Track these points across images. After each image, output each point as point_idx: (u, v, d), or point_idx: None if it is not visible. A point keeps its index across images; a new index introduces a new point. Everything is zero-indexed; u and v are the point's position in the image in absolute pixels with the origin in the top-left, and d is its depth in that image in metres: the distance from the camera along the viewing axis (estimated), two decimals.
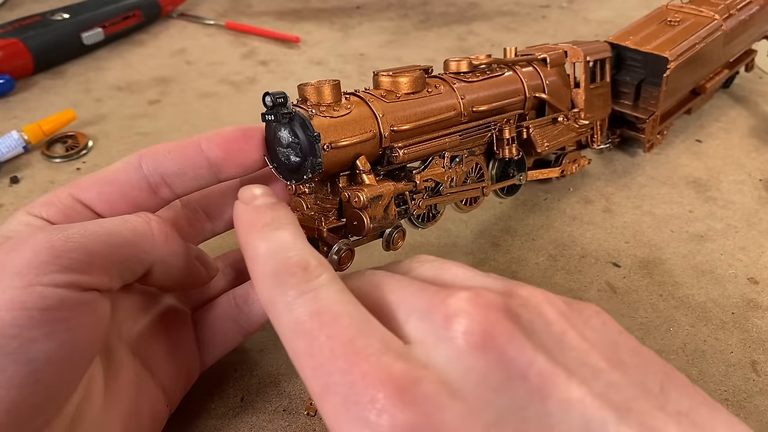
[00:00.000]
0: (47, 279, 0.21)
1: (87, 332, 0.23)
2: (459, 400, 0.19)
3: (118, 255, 0.24)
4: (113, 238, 0.24)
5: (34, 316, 0.21)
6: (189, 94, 0.65)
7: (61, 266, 0.22)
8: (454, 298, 0.21)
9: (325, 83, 0.30)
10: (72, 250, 0.22)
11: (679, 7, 0.56)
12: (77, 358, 0.22)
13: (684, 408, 0.20)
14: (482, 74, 0.39)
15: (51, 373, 0.21)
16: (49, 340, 0.21)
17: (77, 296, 0.22)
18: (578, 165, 0.48)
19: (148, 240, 0.26)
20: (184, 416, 0.32)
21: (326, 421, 0.20)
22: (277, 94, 0.28)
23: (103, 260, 0.23)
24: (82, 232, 0.23)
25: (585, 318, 0.23)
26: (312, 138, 0.28)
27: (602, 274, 0.42)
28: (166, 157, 0.29)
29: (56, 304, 0.21)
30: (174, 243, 0.27)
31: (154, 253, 0.26)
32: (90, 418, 0.24)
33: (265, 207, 0.25)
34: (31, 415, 0.21)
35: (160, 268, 0.26)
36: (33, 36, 0.66)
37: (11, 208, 0.48)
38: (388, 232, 0.32)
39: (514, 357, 0.20)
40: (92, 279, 0.23)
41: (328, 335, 0.20)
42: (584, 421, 0.19)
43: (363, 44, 0.77)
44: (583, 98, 0.46)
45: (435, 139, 0.34)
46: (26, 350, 0.20)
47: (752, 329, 0.38)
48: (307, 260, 0.23)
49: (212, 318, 0.32)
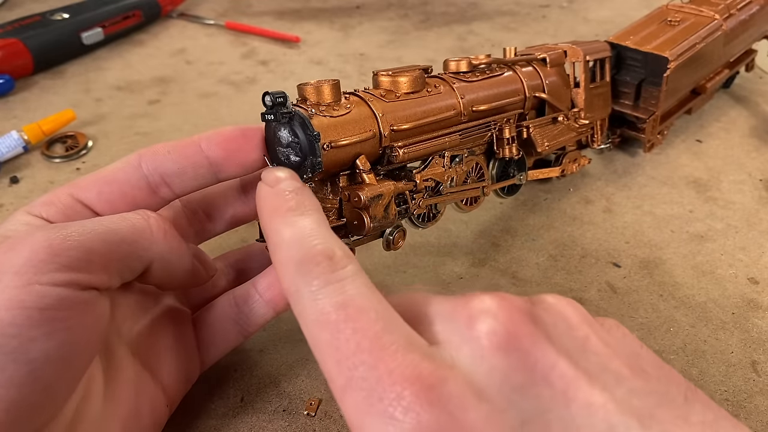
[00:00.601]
0: (46, 278, 0.21)
1: (86, 331, 0.23)
2: (484, 401, 0.19)
3: (117, 253, 0.24)
4: (112, 235, 0.24)
5: (33, 315, 0.21)
6: (189, 94, 0.65)
7: (59, 265, 0.22)
8: (478, 300, 0.22)
9: (324, 83, 0.30)
10: (70, 248, 0.22)
11: (680, 6, 0.56)
12: (77, 357, 0.22)
13: (708, 420, 0.20)
14: (482, 74, 0.39)
15: (50, 373, 0.21)
16: (48, 340, 0.21)
17: (76, 295, 0.22)
18: (578, 164, 0.48)
19: (146, 237, 0.26)
20: (184, 416, 0.32)
21: (346, 415, 0.20)
22: (277, 94, 0.28)
23: (101, 258, 0.23)
24: (81, 230, 0.23)
25: (607, 327, 0.23)
26: (312, 137, 0.28)
27: (602, 274, 0.42)
28: (165, 156, 0.29)
29: (55, 303, 0.21)
30: (173, 240, 0.27)
31: (153, 250, 0.26)
32: (90, 418, 0.24)
33: (289, 191, 0.25)
34: (30, 414, 0.21)
35: (159, 265, 0.26)
36: (33, 36, 0.66)
37: (11, 208, 0.48)
38: (388, 231, 0.32)
39: (537, 358, 0.20)
40: (91, 277, 0.23)
41: (354, 328, 0.20)
42: (608, 426, 0.19)
43: (363, 44, 0.77)
44: (583, 98, 0.46)
45: (435, 138, 0.34)
46: (26, 349, 0.20)
47: (752, 329, 0.38)
48: (333, 250, 0.23)
49: (212, 318, 0.32)
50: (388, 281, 0.41)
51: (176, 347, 0.30)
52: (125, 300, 0.29)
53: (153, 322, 0.30)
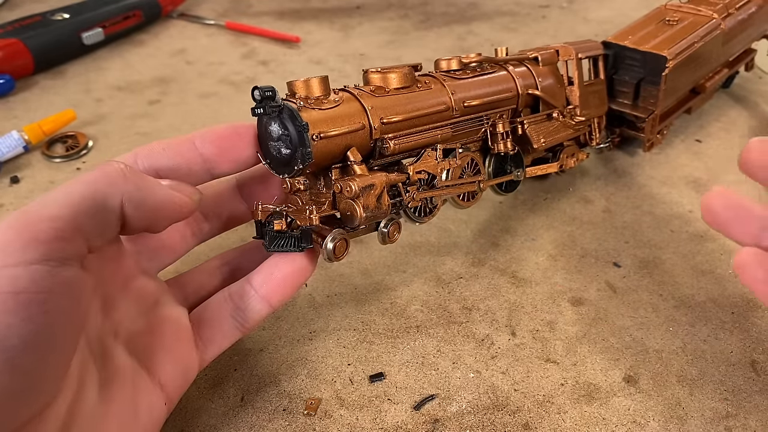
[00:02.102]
0: (14, 258, 0.21)
1: (67, 314, 0.22)
2: None
3: (82, 211, 0.24)
4: (71, 197, 0.24)
5: (7, 300, 0.20)
6: (189, 94, 0.65)
7: (26, 241, 0.21)
8: None
9: (313, 78, 0.31)
10: (33, 222, 0.22)
11: (678, 6, 0.56)
12: (58, 341, 0.22)
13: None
14: (473, 72, 0.39)
15: (31, 359, 0.21)
16: (26, 325, 0.20)
17: (53, 274, 0.21)
18: (577, 159, 0.48)
19: (105, 185, 0.25)
20: (184, 416, 0.32)
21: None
22: (266, 88, 0.28)
23: (68, 223, 0.23)
24: (40, 203, 0.23)
25: None
26: (300, 128, 0.29)
27: (602, 273, 0.42)
28: (160, 153, 0.29)
29: (30, 285, 0.21)
30: (133, 178, 0.26)
31: (117, 194, 0.25)
32: (84, 417, 0.24)
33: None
34: (13, 403, 0.20)
35: (131, 207, 0.26)
36: (33, 36, 0.66)
37: (11, 208, 0.48)
38: (382, 224, 0.32)
39: None
40: (65, 245, 0.22)
41: None
42: None
43: (363, 44, 0.77)
44: (577, 95, 0.46)
45: (426, 131, 0.35)
46: (2, 337, 0.20)
47: (752, 329, 0.38)
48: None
49: (209, 315, 0.32)
50: (388, 280, 0.41)
51: (173, 345, 0.30)
52: (121, 300, 0.29)
53: (149, 320, 0.30)
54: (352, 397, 0.34)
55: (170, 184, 0.28)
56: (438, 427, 0.32)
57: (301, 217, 0.30)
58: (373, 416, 0.33)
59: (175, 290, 0.33)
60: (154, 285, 0.31)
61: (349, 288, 0.41)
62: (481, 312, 0.39)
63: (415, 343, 0.37)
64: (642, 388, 0.34)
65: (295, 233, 0.30)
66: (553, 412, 0.33)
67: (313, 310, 0.39)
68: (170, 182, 0.28)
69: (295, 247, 0.30)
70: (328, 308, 0.39)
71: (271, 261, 0.32)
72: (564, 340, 0.37)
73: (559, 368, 0.35)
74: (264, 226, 0.31)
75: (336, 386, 0.34)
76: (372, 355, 0.36)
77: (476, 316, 0.39)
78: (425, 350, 0.37)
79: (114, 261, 0.29)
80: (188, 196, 0.29)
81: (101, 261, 0.27)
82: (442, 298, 0.40)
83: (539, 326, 0.38)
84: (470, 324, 0.38)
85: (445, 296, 0.40)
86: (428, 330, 0.38)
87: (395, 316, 0.39)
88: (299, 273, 0.31)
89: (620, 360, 0.36)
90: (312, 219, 0.30)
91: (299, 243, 0.30)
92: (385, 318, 0.39)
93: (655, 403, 0.33)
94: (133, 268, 0.30)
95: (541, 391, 0.34)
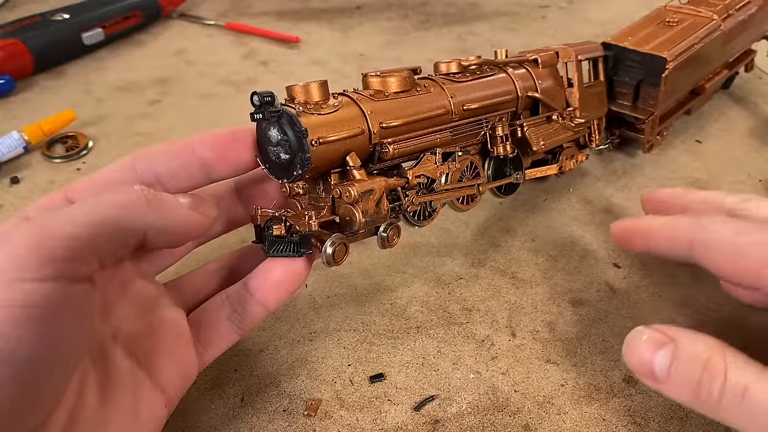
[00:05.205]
0: (30, 274, 0.21)
1: (75, 329, 0.22)
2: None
3: (102, 234, 0.24)
4: (93, 217, 0.24)
5: (19, 314, 0.20)
6: (189, 94, 0.65)
7: (42, 258, 0.21)
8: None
9: (312, 82, 0.31)
10: (50, 239, 0.22)
11: (678, 7, 0.56)
12: (65, 355, 0.22)
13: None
14: (472, 75, 0.39)
15: (38, 373, 0.21)
16: (35, 339, 0.20)
17: (64, 290, 0.22)
18: (576, 161, 0.48)
19: (131, 211, 0.25)
20: (184, 416, 0.32)
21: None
22: (265, 93, 0.28)
23: (86, 243, 0.23)
24: (60, 220, 0.23)
25: None
26: (299, 133, 0.29)
27: (602, 274, 0.42)
28: (159, 157, 0.29)
29: (41, 300, 0.21)
30: (159, 205, 0.26)
31: (142, 220, 0.25)
32: (85, 421, 0.24)
33: None
34: (19, 416, 0.21)
35: (154, 232, 0.26)
36: (33, 36, 0.66)
37: (11, 208, 0.48)
38: (382, 228, 0.32)
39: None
40: (78, 265, 0.22)
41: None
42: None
43: (363, 44, 0.77)
44: (577, 97, 0.46)
45: (425, 135, 0.35)
46: (12, 350, 0.20)
47: (752, 329, 0.38)
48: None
49: (207, 317, 0.32)
50: (388, 281, 0.41)
51: (172, 347, 0.30)
52: (120, 303, 0.29)
53: (148, 323, 0.30)
54: (353, 397, 0.34)
55: (189, 203, 0.28)
56: (438, 428, 0.32)
57: (300, 222, 0.30)
58: (374, 417, 0.33)
59: (174, 293, 0.33)
60: (153, 288, 0.31)
61: (349, 289, 0.41)
62: (481, 313, 0.39)
63: (415, 343, 0.37)
64: (642, 389, 0.34)
65: (294, 238, 0.30)
66: (554, 413, 0.33)
67: (313, 311, 0.39)
68: (189, 200, 0.28)
69: (294, 252, 0.30)
70: (328, 309, 0.39)
71: (267, 264, 0.32)
72: (564, 340, 0.37)
73: (559, 369, 0.35)
74: (263, 230, 0.31)
75: (336, 387, 0.34)
76: (372, 356, 0.36)
77: (476, 316, 0.39)
78: (425, 351, 0.37)
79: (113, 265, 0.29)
80: (207, 215, 0.29)
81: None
82: (442, 298, 0.40)
83: (539, 327, 0.38)
84: (470, 325, 0.38)
85: (445, 297, 0.40)
86: (428, 331, 0.38)
87: (395, 316, 0.39)
88: (295, 276, 0.31)
89: (620, 361, 0.36)
90: (311, 224, 0.30)
91: (298, 248, 0.30)
92: (385, 319, 0.39)
93: (655, 403, 0.33)
94: (131, 272, 0.30)
95: (542, 391, 0.34)
